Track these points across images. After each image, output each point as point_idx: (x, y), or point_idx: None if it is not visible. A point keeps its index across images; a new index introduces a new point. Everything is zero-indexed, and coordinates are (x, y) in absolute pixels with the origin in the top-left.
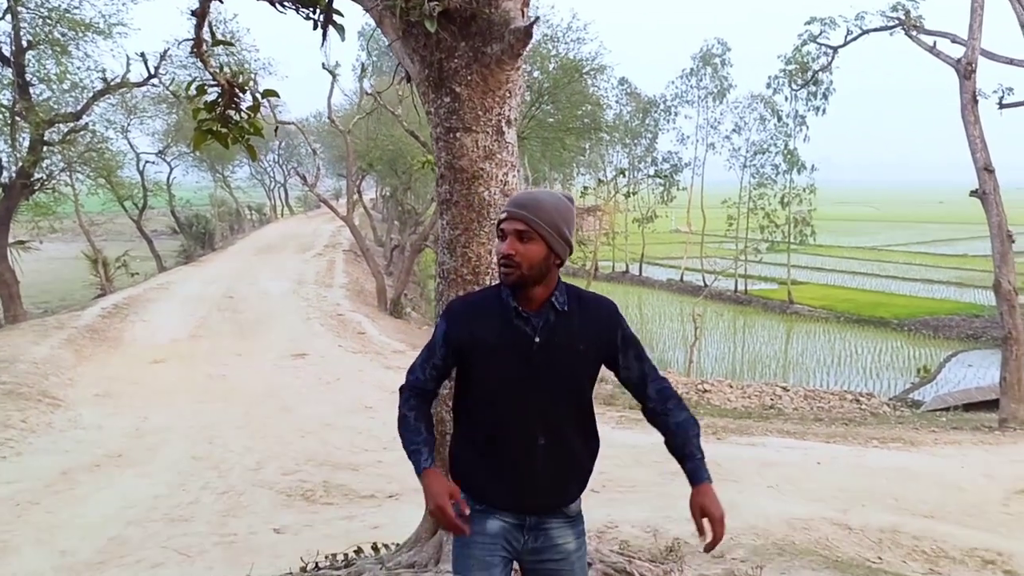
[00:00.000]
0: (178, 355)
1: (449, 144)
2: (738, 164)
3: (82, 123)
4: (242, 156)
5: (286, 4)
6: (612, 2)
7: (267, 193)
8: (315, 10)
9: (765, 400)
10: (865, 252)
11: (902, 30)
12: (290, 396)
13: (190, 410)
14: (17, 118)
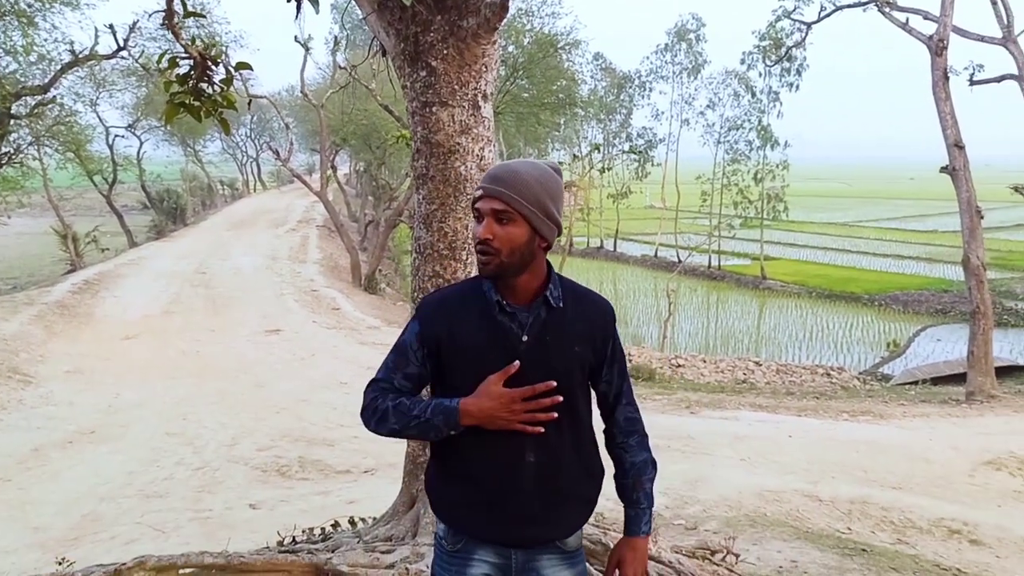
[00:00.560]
0: (150, 331)
1: (425, 118)
2: (712, 140)
3: (50, 96)
4: (214, 130)
5: None
6: None
7: (239, 168)
8: None
9: (738, 374)
10: (837, 228)
11: (875, 6)
12: (264, 372)
13: (163, 386)
14: None
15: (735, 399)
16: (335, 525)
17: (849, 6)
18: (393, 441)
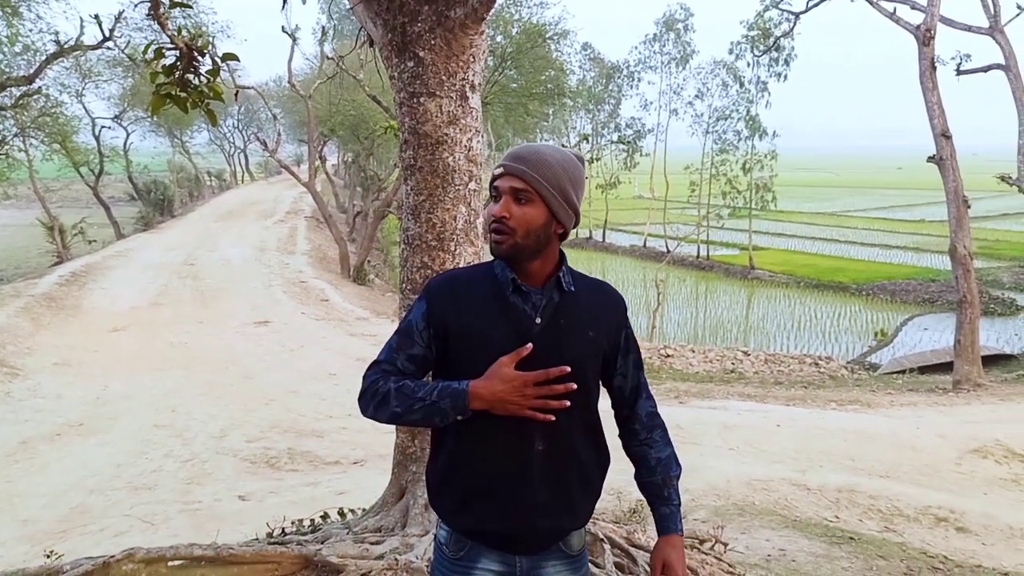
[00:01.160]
0: (138, 323)
1: (413, 109)
2: (701, 130)
3: (35, 87)
4: (201, 121)
5: None
6: None
7: (227, 159)
8: None
9: (726, 364)
10: (825, 218)
11: None
12: (253, 363)
13: (151, 378)
14: None
15: (724, 389)
16: (324, 516)
17: None
18: (382, 432)
